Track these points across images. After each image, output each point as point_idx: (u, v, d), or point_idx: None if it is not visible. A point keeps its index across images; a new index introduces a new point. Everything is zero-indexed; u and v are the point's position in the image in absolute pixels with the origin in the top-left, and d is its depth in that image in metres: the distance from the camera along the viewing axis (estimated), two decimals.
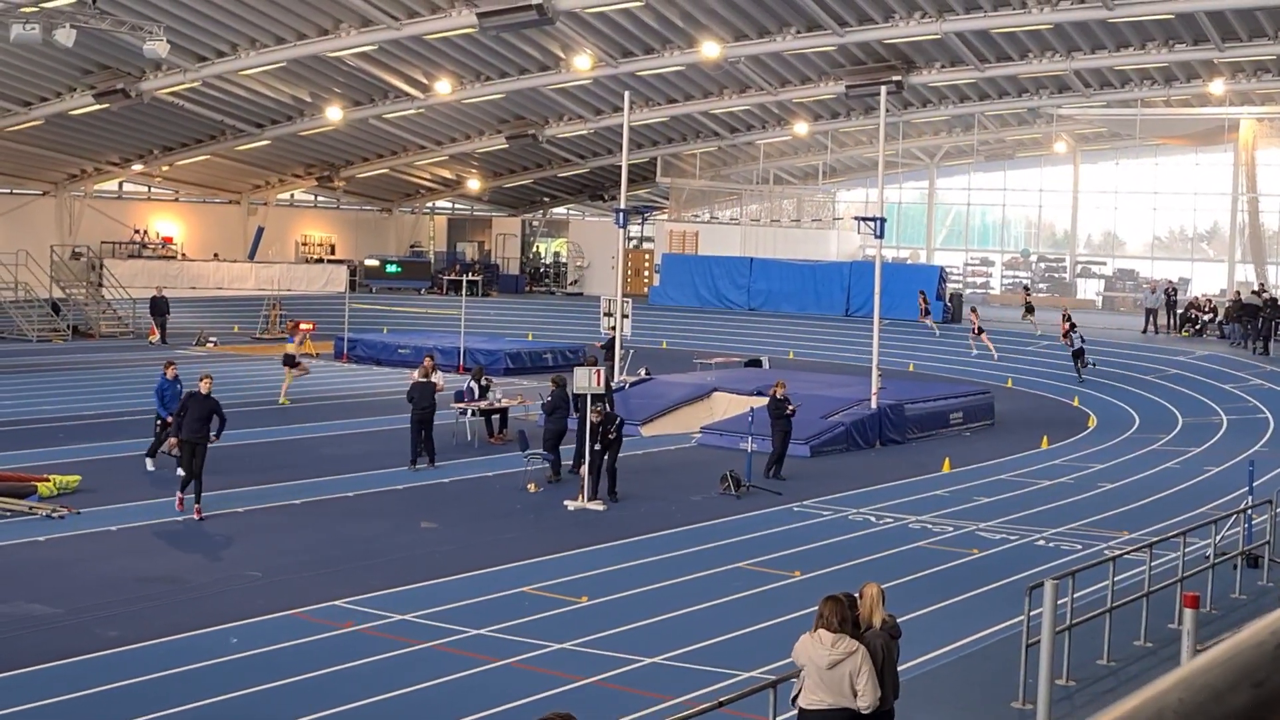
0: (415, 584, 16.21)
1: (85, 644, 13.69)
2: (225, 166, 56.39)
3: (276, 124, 50.11)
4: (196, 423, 19.55)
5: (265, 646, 13.79)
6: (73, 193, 56.00)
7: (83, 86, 43.23)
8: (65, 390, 33.74)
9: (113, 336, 48.50)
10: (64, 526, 18.72)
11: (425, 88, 45.80)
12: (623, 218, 33.13)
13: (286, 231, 63.25)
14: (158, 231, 58.91)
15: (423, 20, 38.16)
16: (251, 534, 18.81)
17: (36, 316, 47.54)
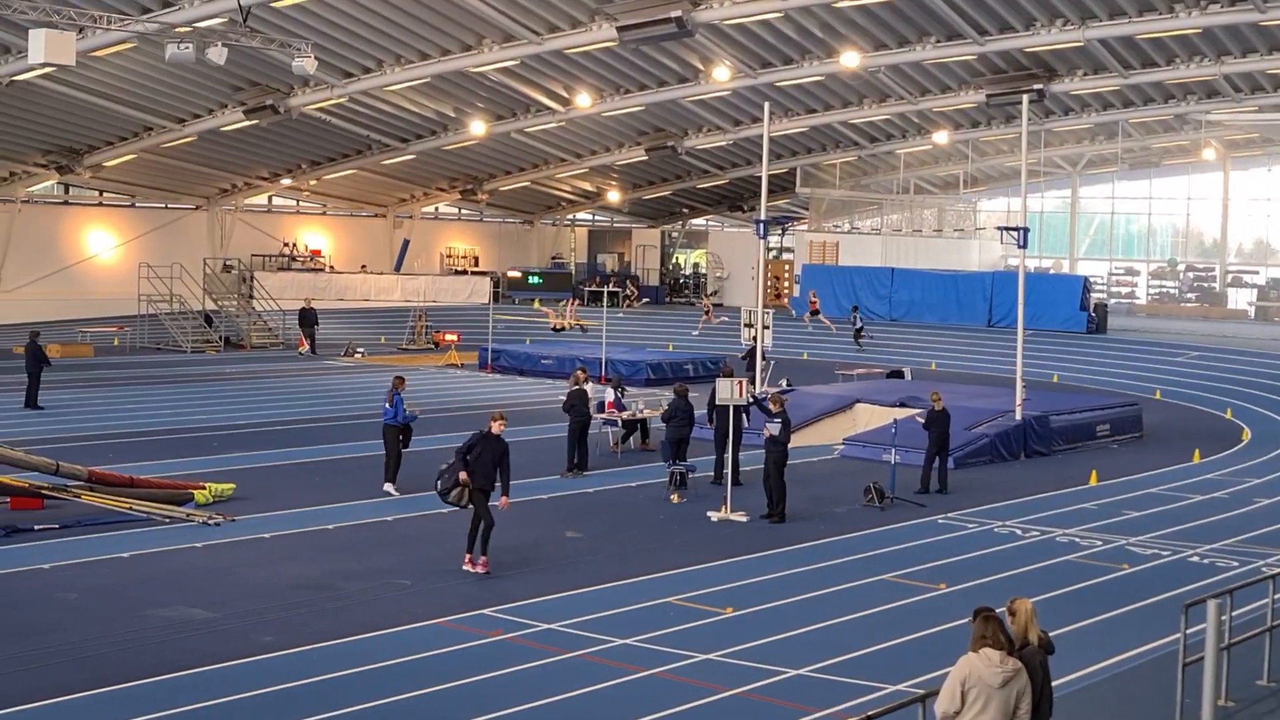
0: (561, 593, 16.36)
1: (241, 648, 14.04)
2: (371, 180, 57.41)
3: (421, 138, 50.92)
4: (488, 467, 17.52)
5: (414, 654, 14.01)
6: (224, 207, 57.44)
7: (234, 103, 44.33)
8: (218, 400, 34.58)
9: (263, 348, 49.61)
10: (219, 533, 19.19)
11: (566, 101, 46.22)
12: (763, 228, 33.12)
13: (431, 244, 64.23)
14: (306, 244, 60.19)
15: (563, 35, 38.54)
16: (400, 542, 19.13)
17: (190, 328, 48.83)
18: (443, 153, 53.02)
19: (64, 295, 52.37)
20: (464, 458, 17.38)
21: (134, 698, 12.49)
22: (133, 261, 51.85)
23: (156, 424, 30.02)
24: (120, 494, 20.28)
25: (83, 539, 18.68)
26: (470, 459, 17.40)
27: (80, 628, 14.62)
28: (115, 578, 16.81)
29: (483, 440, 17.54)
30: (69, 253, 54.02)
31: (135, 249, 53.90)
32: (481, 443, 17.51)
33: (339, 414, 32.43)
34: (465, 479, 17.26)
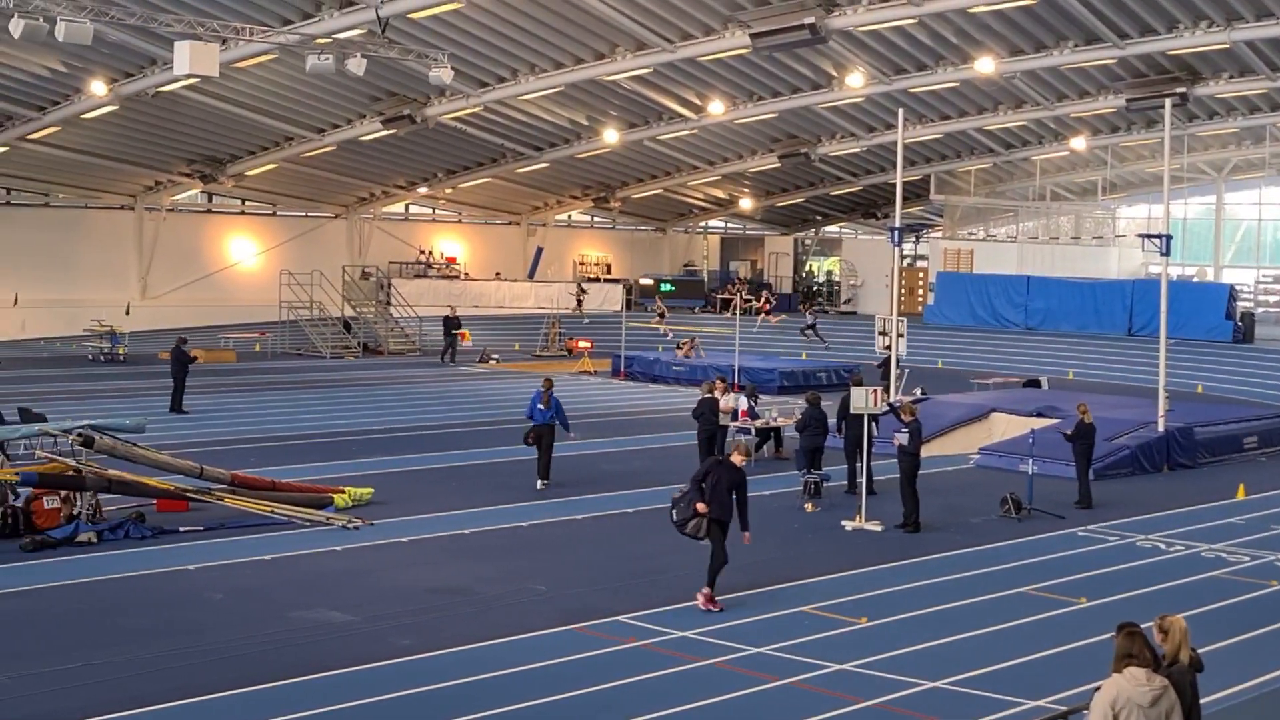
0: (695, 601, 16.35)
1: (380, 651, 14.23)
2: (506, 188, 57.96)
3: (555, 147, 51.29)
4: (725, 497, 16.08)
5: (549, 660, 14.09)
6: (362, 215, 58.39)
7: (372, 113, 45.03)
8: (357, 405, 35.13)
9: (400, 354, 50.30)
10: (358, 537, 19.48)
11: (698, 108, 46.25)
12: (897, 236, 32.85)
13: (564, 251, 64.69)
14: (442, 252, 60.97)
15: (696, 42, 38.56)
16: (536, 548, 19.26)
17: (329, 334, 49.66)
18: (576, 161, 53.35)
19: (207, 302, 53.65)
20: (699, 486, 16.10)
21: (278, 698, 12.73)
22: (274, 269, 52.93)
23: (297, 428, 30.57)
24: (262, 497, 20.69)
25: (226, 541, 19.09)
26: (705, 488, 16.06)
27: (225, 628, 14.93)
28: (258, 579, 17.15)
29: (718, 468, 16.30)
30: (212, 260, 55.31)
31: (276, 256, 55.01)
32: (717, 470, 16.25)
33: (474, 419, 32.77)
34: (703, 509, 15.94)
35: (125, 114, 42.76)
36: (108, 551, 18.35)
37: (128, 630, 14.79)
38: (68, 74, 39.37)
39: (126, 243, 53.60)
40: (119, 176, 51.19)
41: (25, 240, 50.85)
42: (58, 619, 15.27)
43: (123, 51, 37.17)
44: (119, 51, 37.09)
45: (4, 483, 19.12)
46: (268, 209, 57.35)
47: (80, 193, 52.41)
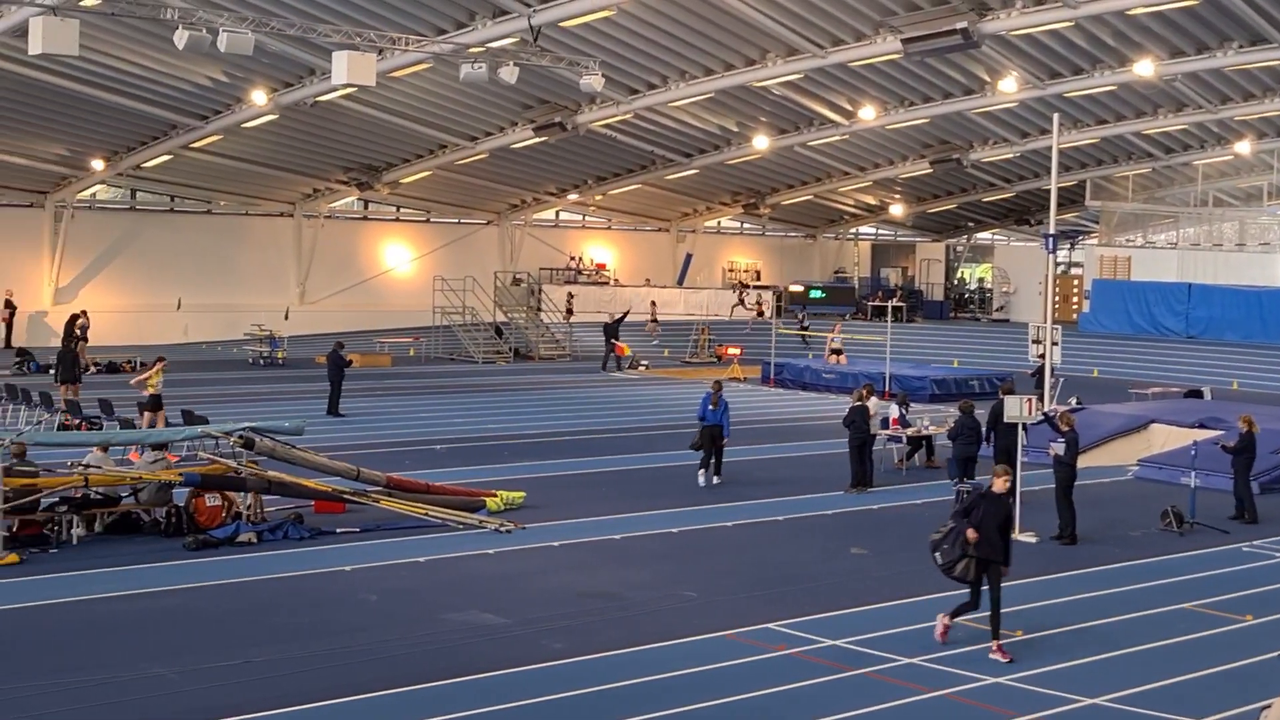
0: (847, 609, 16.22)
1: (532, 654, 14.32)
2: (655, 195, 58.15)
3: (704, 153, 51.34)
4: (993, 533, 14.81)
5: (700, 666, 14.06)
6: (514, 222, 58.99)
7: (524, 121, 45.48)
8: (508, 410, 35.47)
9: (550, 359, 50.71)
10: (510, 540, 19.65)
11: (849, 114, 45.95)
12: (1051, 242, 32.23)
13: (714, 258, 64.70)
14: (591, 258, 61.33)
15: (848, 48, 38.30)
16: (686, 554, 19.26)
17: (482, 339, 50.25)
18: (725, 167, 53.33)
19: (363, 307, 54.65)
20: (964, 517, 14.93)
21: (433, 699, 12.88)
22: (427, 274, 53.74)
23: (450, 432, 30.93)
24: (417, 500, 20.96)
25: (382, 543, 19.38)
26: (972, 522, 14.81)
27: (381, 628, 15.15)
28: (412, 581, 17.38)
29: (983, 500, 15.01)
30: (368, 266, 56.32)
31: (430, 262, 55.82)
32: (983, 504, 14.95)
33: (625, 425, 32.89)
34: (974, 535, 14.66)
35: (284, 123, 43.71)
36: (267, 552, 18.75)
37: (286, 629, 15.09)
38: (229, 84, 40.36)
39: (285, 249, 54.80)
40: (278, 184, 52.37)
41: (188, 246, 52.26)
42: (219, 617, 15.62)
43: (282, 61, 37.99)
44: (279, 61, 37.92)
45: (167, 483, 19.63)
46: (422, 216, 58.22)
47: (241, 200, 53.71)
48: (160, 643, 14.47)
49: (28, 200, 50.00)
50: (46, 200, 49.97)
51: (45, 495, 19.02)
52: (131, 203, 53.11)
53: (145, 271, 51.36)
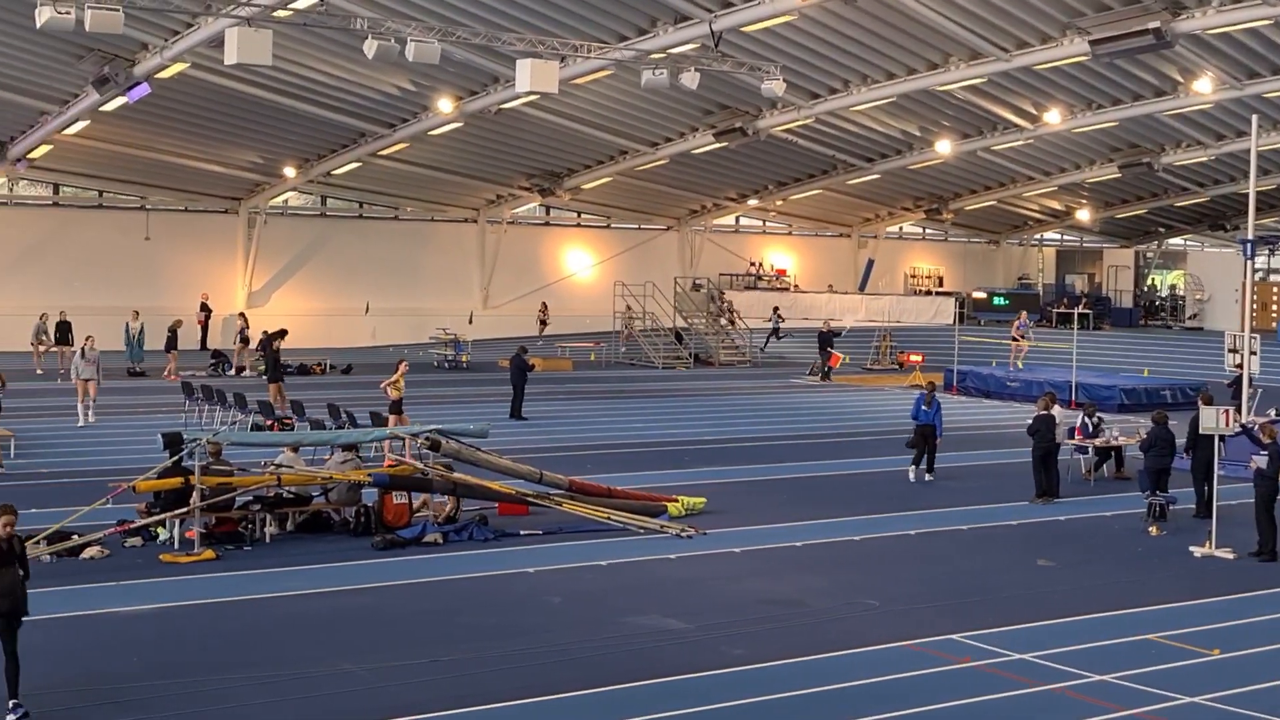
0: (1033, 623, 15.88)
1: (714, 659, 14.30)
2: (836, 200, 57.78)
3: (886, 158, 50.85)
4: None
5: (881, 676, 13.91)
6: (693, 227, 59.13)
7: (704, 126, 45.53)
8: (689, 415, 35.54)
9: (730, 364, 50.71)
10: (691, 545, 19.67)
11: (1034, 118, 45.11)
12: (1250, 248, 31.30)
13: (895, 263, 64.09)
14: (772, 264, 61.17)
15: (1033, 51, 37.55)
16: (867, 562, 19.08)
17: (662, 344, 50.44)
18: (907, 172, 52.76)
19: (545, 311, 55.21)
20: None
21: (616, 701, 12.95)
22: (608, 280, 54.16)
23: (631, 437, 31.13)
24: (599, 504, 21.10)
25: (564, 545, 19.56)
26: None
27: (564, 630, 15.28)
28: (595, 584, 17.50)
29: None
30: (549, 271, 56.96)
31: (610, 268, 56.27)
32: None
33: (805, 432, 32.73)
34: None
35: (469, 130, 44.41)
36: (452, 552, 19.05)
37: (471, 629, 15.30)
38: (416, 92, 41.14)
39: (469, 254, 55.70)
40: (463, 190, 53.25)
41: (376, 252, 53.43)
42: (406, 615, 15.91)
43: (468, 70, 38.59)
44: (464, 70, 38.52)
45: (357, 483, 20.06)
46: (602, 221, 58.68)
47: (427, 206, 54.74)
48: (349, 640, 14.79)
49: (223, 207, 51.61)
50: (240, 207, 51.52)
51: (240, 494, 19.58)
52: (322, 209, 54.48)
53: (334, 276, 52.62)
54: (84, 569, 17.54)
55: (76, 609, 15.73)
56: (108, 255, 49.26)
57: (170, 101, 39.92)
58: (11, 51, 36.12)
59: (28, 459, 25.71)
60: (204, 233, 51.43)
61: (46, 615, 15.31)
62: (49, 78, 38.45)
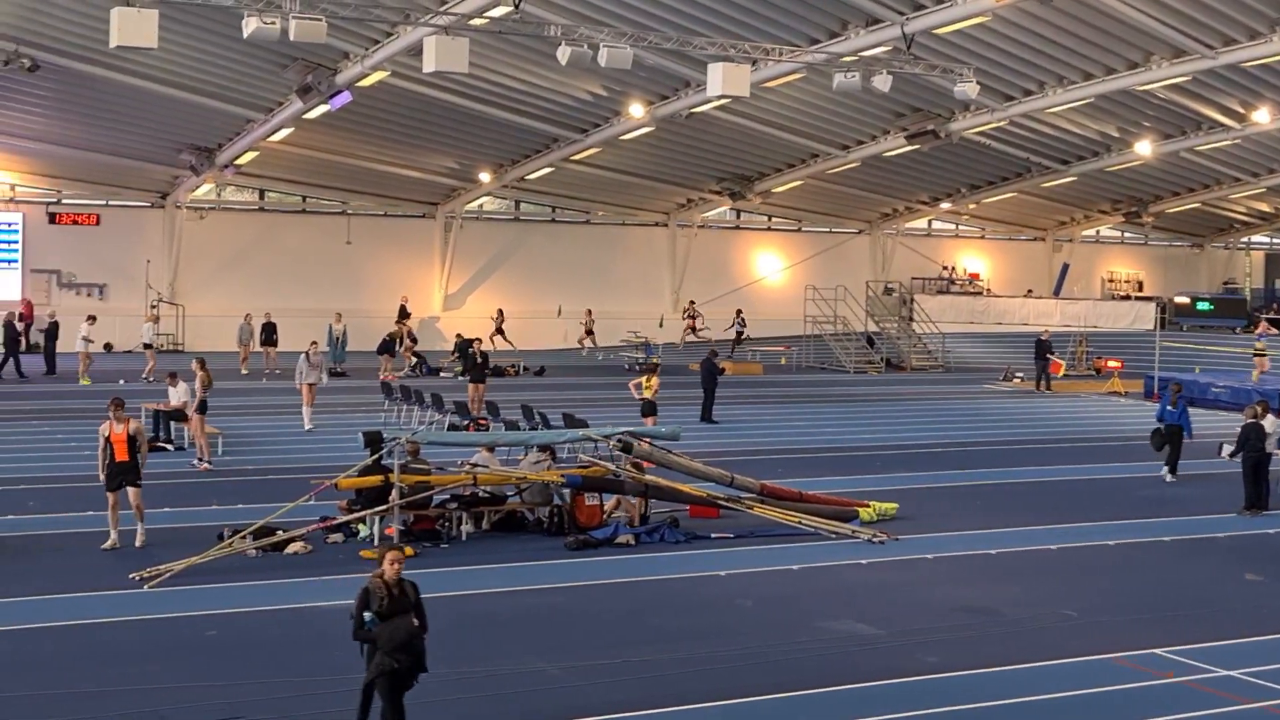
0: (1242, 638, 15.38)
1: (907, 666, 14.16)
2: (1031, 203, 56.74)
3: (1083, 160, 49.74)
4: None
5: (1080, 689, 13.61)
6: (885, 231, 58.60)
7: (895, 129, 45.06)
8: (880, 420, 35.27)
9: (923, 370, 50.15)
10: (883, 551, 19.49)
11: (1242, 117, 43.68)
12: None
13: (1092, 267, 62.71)
14: (964, 268, 60.31)
15: (1241, 47, 36.34)
16: (1065, 571, 18.69)
17: (853, 349, 50.11)
18: (1105, 174, 51.55)
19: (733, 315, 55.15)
20: None
21: (809, 705, 12.91)
22: (799, 283, 53.94)
23: (821, 441, 30.98)
24: (789, 507, 21.03)
25: (755, 549, 19.52)
26: None
27: (755, 633, 15.27)
28: (786, 588, 17.45)
29: None
30: (740, 274, 56.94)
31: (801, 271, 56.02)
32: None
33: (998, 438, 32.20)
34: None
35: (660, 134, 44.62)
36: (644, 554, 19.16)
37: (663, 630, 15.37)
38: (608, 97, 41.49)
39: (660, 258, 55.97)
40: (654, 195, 53.54)
41: (568, 255, 54.02)
42: (598, 615, 16.05)
43: (659, 74, 38.77)
44: (655, 75, 38.71)
45: (551, 483, 20.30)
46: (793, 225, 58.47)
47: (618, 210, 55.16)
48: (542, 638, 14.97)
49: (420, 211, 52.69)
50: (437, 211, 52.54)
51: (437, 492, 19.95)
52: (515, 213, 55.28)
53: (527, 279, 53.33)
54: (288, 563, 18.05)
55: (280, 603, 16.19)
56: (310, 259, 50.66)
57: (370, 109, 40.89)
58: (220, 62, 37.36)
59: (234, 456, 26.56)
60: (402, 237, 52.58)
61: (253, 608, 15.85)
62: (255, 86, 39.70)
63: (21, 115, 42.09)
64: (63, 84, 38.62)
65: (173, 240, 49.28)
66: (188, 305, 48.87)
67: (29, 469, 24.66)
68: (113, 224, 49.29)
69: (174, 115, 41.74)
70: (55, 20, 34.39)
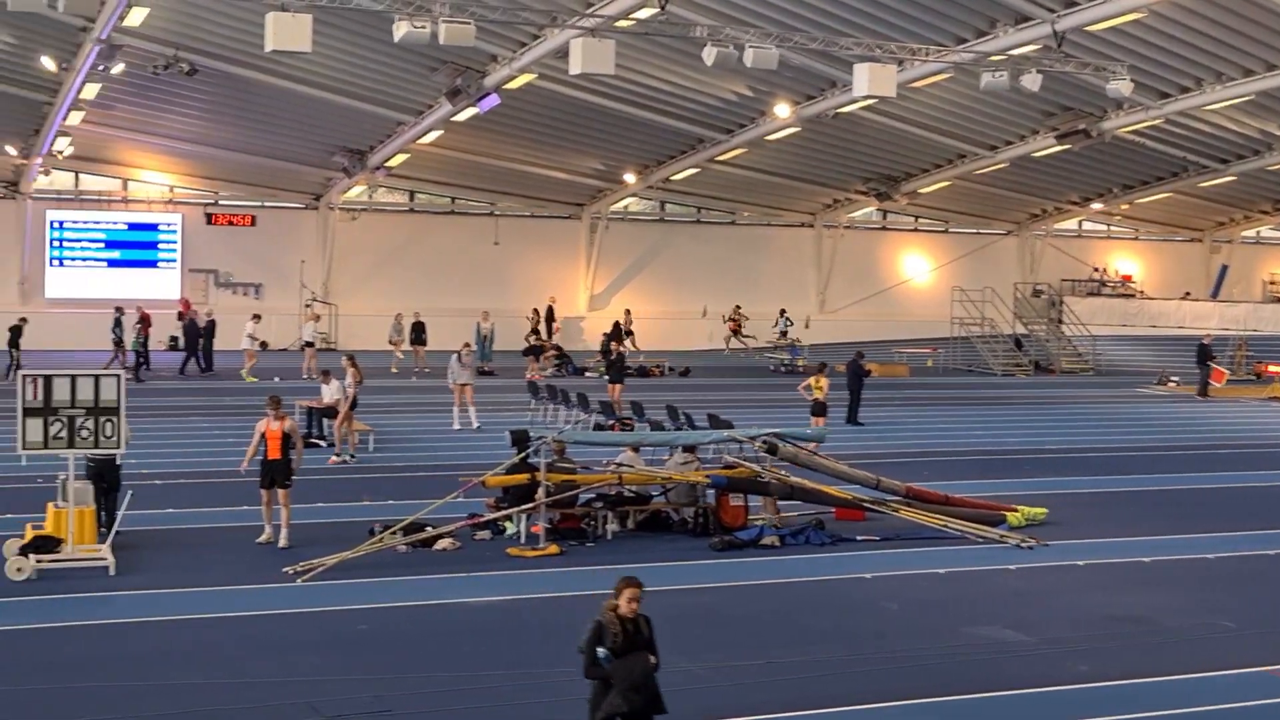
0: None
1: (1057, 675, 13.90)
2: (1187, 203, 55.57)
3: (1243, 159, 48.58)
4: None
5: (1237, 702, 13.26)
6: (1034, 232, 57.75)
7: (1045, 128, 44.39)
8: (1028, 423, 34.78)
9: (1072, 373, 49.32)
10: (1032, 557, 19.18)
11: None
12: None
13: (1252, 269, 61.20)
14: (1116, 269, 59.23)
15: None
16: (1223, 581, 18.21)
17: (1000, 351, 49.47)
18: (1266, 173, 50.26)
19: (881, 316, 54.86)
20: None
21: (956, 711, 12.77)
22: (945, 285, 53.41)
23: (968, 444, 30.62)
24: (936, 511, 20.81)
25: (901, 552, 19.34)
26: None
27: (902, 637, 15.13)
28: (932, 592, 17.27)
29: None
30: (886, 276, 56.56)
31: (948, 273, 55.47)
32: None
33: (1153, 444, 31.57)
34: None
35: (806, 135, 44.46)
36: (789, 555, 19.09)
37: (809, 632, 15.31)
38: (754, 98, 41.43)
39: (806, 259, 55.81)
40: (799, 195, 53.37)
41: (713, 256, 54.08)
42: (744, 616, 16.02)
43: (805, 75, 38.62)
44: (801, 75, 38.57)
45: (696, 484, 20.32)
46: (940, 226, 57.88)
47: (763, 211, 55.08)
48: (688, 639, 14.92)
49: (566, 212, 53.13)
50: (583, 212, 52.93)
51: (583, 491, 20.08)
52: (661, 214, 55.46)
53: (672, 280, 53.50)
54: (436, 560, 18.29)
55: (428, 599, 16.42)
56: (459, 259, 51.36)
57: (518, 111, 41.30)
58: (372, 65, 38.02)
59: (384, 453, 27.02)
60: (549, 237, 53.07)
61: (403, 604, 16.10)
62: (405, 89, 40.34)
63: (180, 118, 43.27)
64: (220, 88, 39.61)
65: (326, 241, 50.31)
66: (340, 305, 49.80)
67: (188, 463, 25.32)
68: (268, 225, 50.46)
69: (327, 118, 42.60)
70: (212, 25, 35.28)
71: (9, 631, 14.61)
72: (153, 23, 33.79)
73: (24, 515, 18.82)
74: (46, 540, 17.16)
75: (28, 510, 19.16)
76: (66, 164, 47.13)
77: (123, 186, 49.71)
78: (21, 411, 17.10)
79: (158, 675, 13.21)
